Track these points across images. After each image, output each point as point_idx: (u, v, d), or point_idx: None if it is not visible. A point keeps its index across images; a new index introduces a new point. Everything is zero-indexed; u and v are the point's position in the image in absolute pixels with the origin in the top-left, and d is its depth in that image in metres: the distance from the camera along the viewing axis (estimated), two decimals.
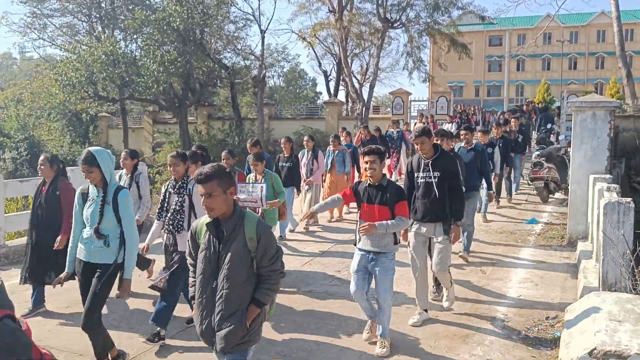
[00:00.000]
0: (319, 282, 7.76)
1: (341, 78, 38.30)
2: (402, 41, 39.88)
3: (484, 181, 11.59)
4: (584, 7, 46.42)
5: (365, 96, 30.50)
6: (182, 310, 6.45)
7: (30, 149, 34.43)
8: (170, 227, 5.93)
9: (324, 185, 12.29)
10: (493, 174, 11.21)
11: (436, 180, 6.16)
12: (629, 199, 6.37)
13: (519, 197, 14.70)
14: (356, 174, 14.73)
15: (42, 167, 6.78)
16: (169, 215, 5.97)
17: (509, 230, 11.10)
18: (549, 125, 21.31)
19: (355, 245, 5.76)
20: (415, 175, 6.35)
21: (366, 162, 5.46)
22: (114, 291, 5.33)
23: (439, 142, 6.96)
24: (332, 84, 41.72)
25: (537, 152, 14.66)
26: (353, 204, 6.29)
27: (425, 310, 6.37)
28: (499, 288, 7.51)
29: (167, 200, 6.07)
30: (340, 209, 12.71)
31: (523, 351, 5.53)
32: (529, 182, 14.33)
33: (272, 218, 7.95)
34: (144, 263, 7.38)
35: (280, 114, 34.97)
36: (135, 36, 28.57)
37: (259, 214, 7.60)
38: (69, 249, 5.19)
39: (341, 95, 40.57)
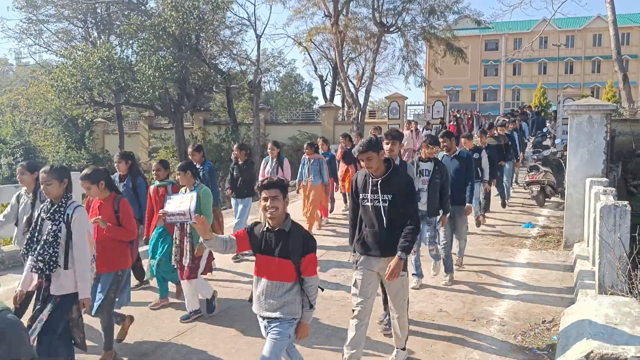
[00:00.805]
0: None
1: (337, 83, 38.37)
2: (398, 45, 40.08)
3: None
4: (580, 11, 46.69)
5: (362, 101, 30.53)
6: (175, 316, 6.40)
7: (27, 154, 34.40)
8: (40, 263, 4.48)
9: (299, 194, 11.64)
10: (482, 181, 10.64)
11: (387, 204, 4.92)
12: (626, 202, 6.35)
13: (515, 201, 14.68)
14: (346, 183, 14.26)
15: None
16: (38, 248, 4.53)
17: (506, 234, 11.08)
18: (544, 129, 21.37)
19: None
20: (361, 197, 5.09)
21: (265, 200, 4.07)
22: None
23: (389, 145, 6.06)
24: (328, 89, 41.79)
25: (533, 156, 14.66)
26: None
27: None
28: (495, 292, 7.48)
29: (38, 228, 4.64)
30: (325, 210, 12.29)
31: (519, 355, 5.50)
32: (525, 186, 14.32)
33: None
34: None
35: (276, 119, 35.01)
36: (131, 41, 28.57)
37: (188, 229, 6.44)
38: None
39: (337, 100, 40.62)
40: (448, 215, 7.55)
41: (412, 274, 7.47)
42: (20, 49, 62.22)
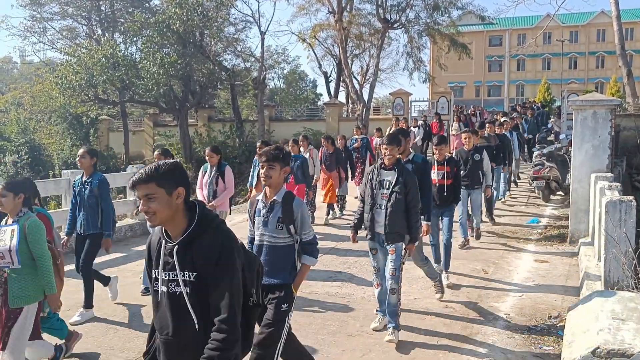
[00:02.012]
0: (319, 283, 7.73)
1: (341, 79, 38.29)
2: (402, 42, 39.99)
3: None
4: (583, 7, 46.57)
5: (366, 97, 30.51)
6: None
7: (31, 152, 34.48)
8: None
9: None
10: (484, 185, 9.64)
11: (189, 290, 2.73)
12: (631, 198, 6.36)
13: (520, 197, 14.67)
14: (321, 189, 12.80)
15: None
16: None
17: (511, 230, 11.09)
18: (549, 125, 21.32)
19: None
20: (153, 276, 2.88)
21: None
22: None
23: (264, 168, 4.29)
24: (332, 85, 41.72)
25: (538, 152, 14.64)
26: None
27: None
28: (501, 288, 7.50)
29: None
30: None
31: (526, 351, 5.51)
32: (530, 181, 14.32)
33: (21, 295, 4.56)
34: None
35: (281, 116, 34.98)
36: (135, 39, 28.59)
37: (3, 278, 4.62)
38: None
39: (341, 97, 40.61)
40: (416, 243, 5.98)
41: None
42: (24, 47, 62.60)
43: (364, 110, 28.56)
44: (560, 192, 14.01)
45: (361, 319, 6.38)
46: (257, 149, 10.14)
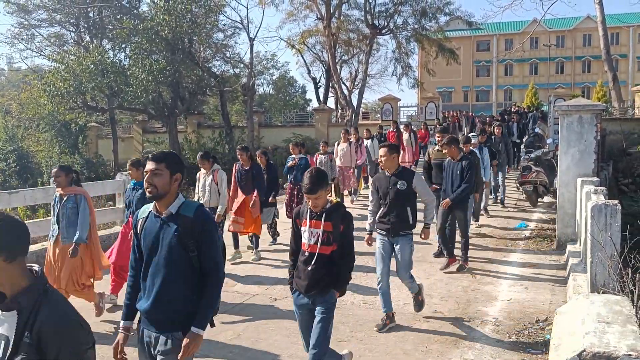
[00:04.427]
0: None
1: (330, 85, 38.48)
2: (391, 47, 40.16)
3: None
4: (569, 12, 46.95)
5: (355, 102, 30.62)
6: None
7: (19, 160, 34.22)
8: None
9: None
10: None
11: None
12: (616, 202, 6.44)
13: (508, 202, 14.77)
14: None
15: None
16: None
17: (499, 234, 11.16)
18: (536, 129, 21.48)
19: None
20: None
21: None
22: None
23: None
24: (321, 91, 41.85)
25: (526, 156, 14.76)
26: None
27: None
28: (489, 292, 7.55)
29: None
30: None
31: (514, 355, 5.57)
32: (518, 186, 14.42)
33: None
34: None
35: (270, 122, 35.04)
36: (123, 45, 28.55)
37: None
38: None
39: (331, 102, 40.76)
40: None
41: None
42: (12, 54, 62.20)
43: (353, 115, 28.67)
44: (548, 197, 14.12)
45: (351, 325, 6.41)
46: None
